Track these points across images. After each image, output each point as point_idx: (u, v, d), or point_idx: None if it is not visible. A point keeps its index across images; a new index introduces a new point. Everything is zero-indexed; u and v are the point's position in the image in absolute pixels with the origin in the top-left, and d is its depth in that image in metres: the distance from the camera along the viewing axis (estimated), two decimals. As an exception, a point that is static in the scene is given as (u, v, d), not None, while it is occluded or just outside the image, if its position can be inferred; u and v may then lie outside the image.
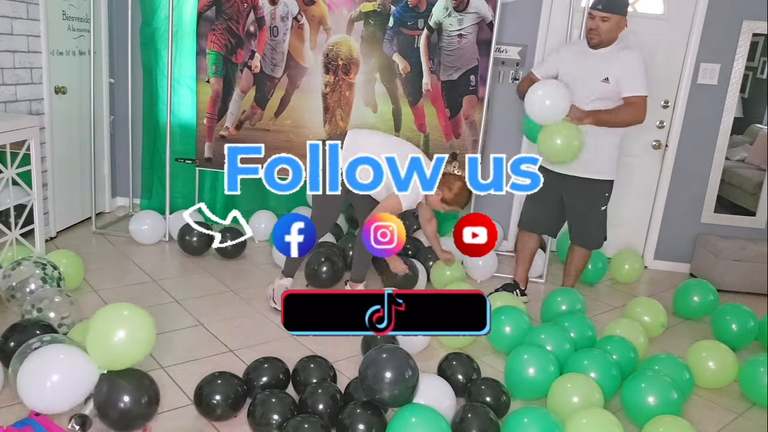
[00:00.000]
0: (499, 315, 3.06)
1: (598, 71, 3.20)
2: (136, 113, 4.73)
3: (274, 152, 4.24)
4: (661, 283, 4.39)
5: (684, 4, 4.23)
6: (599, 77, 3.19)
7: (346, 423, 2.18)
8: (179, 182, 4.68)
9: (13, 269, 2.99)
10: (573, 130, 3.15)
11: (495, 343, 3.10)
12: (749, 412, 2.81)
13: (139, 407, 2.11)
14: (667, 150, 4.45)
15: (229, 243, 3.70)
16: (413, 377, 2.22)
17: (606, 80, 3.18)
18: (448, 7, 4.01)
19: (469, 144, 4.21)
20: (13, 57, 3.62)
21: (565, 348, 2.82)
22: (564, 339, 2.87)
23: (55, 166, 4.09)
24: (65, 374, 2.10)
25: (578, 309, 3.30)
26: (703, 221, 4.55)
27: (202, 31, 4.17)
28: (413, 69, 4.13)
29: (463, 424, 2.24)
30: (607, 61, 3.19)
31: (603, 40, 3.19)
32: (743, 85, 4.38)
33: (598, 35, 3.18)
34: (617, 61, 3.16)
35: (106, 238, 4.30)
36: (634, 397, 2.52)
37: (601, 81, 3.19)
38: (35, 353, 2.16)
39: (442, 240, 4.21)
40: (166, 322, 3.14)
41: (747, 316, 3.35)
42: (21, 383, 2.10)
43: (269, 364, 2.52)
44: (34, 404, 2.09)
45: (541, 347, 2.76)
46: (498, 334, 3.04)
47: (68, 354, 2.16)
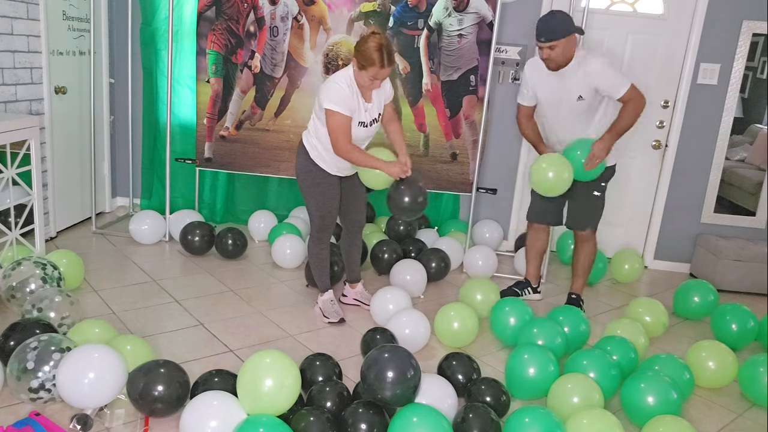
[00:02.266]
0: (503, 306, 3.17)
1: (569, 92, 3.24)
2: (136, 113, 4.73)
3: (274, 152, 4.31)
4: (661, 283, 4.39)
5: (684, 4, 4.23)
6: (573, 97, 3.24)
7: (348, 422, 2.18)
8: (179, 182, 4.68)
9: (13, 269, 2.99)
10: (563, 163, 3.23)
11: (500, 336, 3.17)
12: (749, 412, 2.81)
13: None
14: (667, 150, 4.45)
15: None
16: (415, 377, 2.22)
17: (580, 98, 3.23)
18: (448, 7, 4.01)
19: (469, 144, 4.21)
20: (13, 57, 3.62)
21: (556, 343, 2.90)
22: (557, 333, 2.93)
23: (55, 166, 4.09)
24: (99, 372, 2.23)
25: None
26: (703, 221, 4.55)
27: (202, 31, 4.17)
28: (413, 69, 4.13)
29: (464, 424, 2.24)
30: (574, 80, 3.21)
31: (560, 64, 3.22)
32: (743, 85, 4.38)
33: (553, 62, 3.21)
34: (584, 77, 3.18)
35: (106, 238, 4.30)
36: (634, 397, 2.52)
37: (576, 101, 3.24)
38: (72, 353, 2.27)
39: (441, 240, 4.23)
40: (166, 322, 3.14)
41: (747, 316, 3.35)
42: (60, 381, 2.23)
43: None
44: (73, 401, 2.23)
45: (542, 347, 2.76)
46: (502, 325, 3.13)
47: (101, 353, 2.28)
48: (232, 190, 4.80)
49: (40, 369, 2.25)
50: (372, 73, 2.81)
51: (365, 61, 2.79)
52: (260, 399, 2.12)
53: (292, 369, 2.19)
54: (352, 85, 2.89)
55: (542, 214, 3.63)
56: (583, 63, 3.17)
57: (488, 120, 4.29)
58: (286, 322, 3.26)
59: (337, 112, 2.84)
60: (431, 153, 4.25)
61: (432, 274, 3.85)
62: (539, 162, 3.28)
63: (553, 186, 3.25)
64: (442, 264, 3.91)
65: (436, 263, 3.89)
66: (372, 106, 2.99)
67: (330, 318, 3.27)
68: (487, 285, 3.48)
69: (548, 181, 3.23)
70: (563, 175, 3.21)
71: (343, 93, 2.85)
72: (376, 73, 2.80)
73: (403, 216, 3.01)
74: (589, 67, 3.15)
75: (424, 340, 3.02)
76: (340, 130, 2.87)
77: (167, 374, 2.28)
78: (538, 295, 3.79)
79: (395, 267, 3.73)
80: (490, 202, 4.65)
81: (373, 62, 2.77)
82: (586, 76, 3.16)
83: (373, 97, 3.00)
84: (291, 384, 2.16)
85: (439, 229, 4.61)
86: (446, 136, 4.24)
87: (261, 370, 2.13)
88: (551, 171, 3.21)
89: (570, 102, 3.25)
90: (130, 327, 3.03)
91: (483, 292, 3.43)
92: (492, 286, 3.48)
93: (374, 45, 2.76)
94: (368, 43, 2.78)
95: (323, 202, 3.13)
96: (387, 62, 2.78)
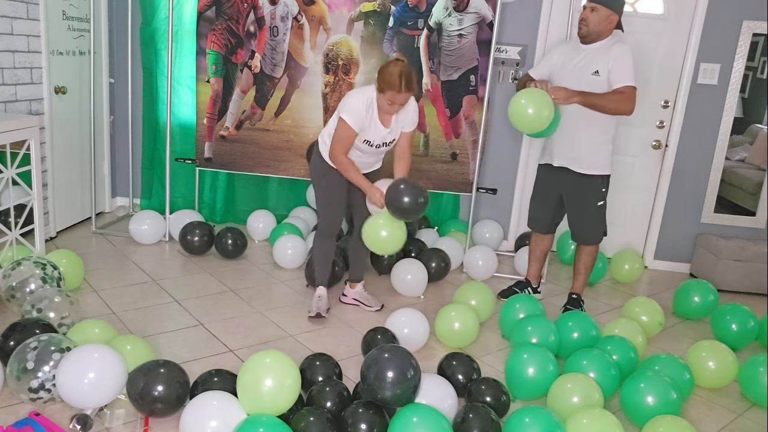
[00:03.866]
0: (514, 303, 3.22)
1: (588, 65, 3.25)
2: (136, 113, 4.73)
3: (274, 152, 4.30)
4: (661, 283, 4.39)
5: (684, 4, 4.23)
6: (589, 71, 3.24)
7: (348, 422, 2.18)
8: (179, 182, 4.68)
9: (13, 269, 2.99)
10: (544, 99, 3.08)
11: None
12: (749, 412, 2.80)
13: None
14: (667, 150, 4.45)
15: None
16: (415, 377, 2.22)
17: (596, 73, 3.23)
18: (448, 7, 4.01)
19: (469, 144, 4.21)
20: (13, 57, 3.62)
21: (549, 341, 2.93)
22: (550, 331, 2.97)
23: (55, 166, 4.09)
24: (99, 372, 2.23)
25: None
26: (703, 221, 4.55)
27: (202, 31, 4.17)
28: (413, 69, 4.12)
29: (464, 424, 2.24)
30: (597, 56, 3.24)
31: (591, 32, 3.23)
32: (743, 85, 4.38)
33: (586, 25, 3.24)
34: (607, 55, 3.21)
35: (106, 238, 4.30)
36: (633, 397, 2.52)
37: (591, 74, 3.23)
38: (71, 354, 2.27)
39: (441, 240, 4.23)
40: (166, 322, 3.14)
41: (747, 316, 3.35)
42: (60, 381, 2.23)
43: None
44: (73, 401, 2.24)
45: (541, 347, 2.76)
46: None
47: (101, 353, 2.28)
48: (232, 190, 4.80)
49: (40, 369, 2.25)
50: (389, 97, 2.92)
51: (384, 84, 2.91)
52: (260, 399, 2.12)
53: (292, 369, 2.18)
54: (372, 105, 3.01)
55: (536, 222, 3.67)
56: (611, 44, 3.22)
57: (488, 120, 4.29)
58: (286, 322, 3.25)
59: (347, 123, 2.97)
60: (431, 153, 4.25)
61: (432, 274, 3.85)
62: (519, 96, 3.11)
63: (532, 122, 3.09)
64: (442, 264, 3.91)
65: (437, 263, 3.89)
66: (387, 132, 3.08)
67: (310, 312, 3.32)
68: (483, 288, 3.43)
69: (527, 116, 3.07)
70: (543, 112, 3.05)
71: (358, 109, 2.98)
72: (393, 97, 2.91)
73: (402, 217, 3.02)
74: (614, 48, 3.19)
75: (423, 340, 3.02)
76: (342, 139, 3.02)
77: (167, 374, 2.28)
78: (538, 295, 3.80)
79: (395, 267, 3.73)
80: (490, 202, 4.65)
81: (392, 86, 2.88)
82: (608, 55, 3.19)
83: (392, 123, 3.08)
84: (291, 384, 2.16)
85: (439, 229, 4.61)
86: (446, 136, 4.24)
87: (261, 370, 2.13)
88: (531, 107, 3.05)
89: (583, 76, 3.24)
90: (130, 327, 3.03)
91: (478, 297, 3.37)
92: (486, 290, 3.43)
93: (395, 70, 2.89)
94: (389, 68, 2.91)
95: (329, 194, 3.23)
96: (405, 88, 2.89)
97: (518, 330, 2.99)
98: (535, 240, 3.76)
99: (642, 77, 4.34)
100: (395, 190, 2.96)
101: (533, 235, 3.76)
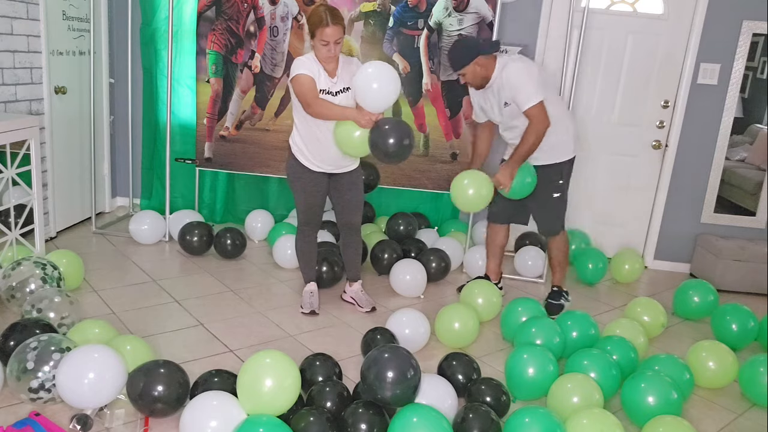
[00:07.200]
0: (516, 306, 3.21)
1: (499, 101, 3.31)
2: (136, 113, 4.73)
3: (274, 152, 4.30)
4: (661, 283, 4.39)
5: (684, 4, 4.23)
6: (501, 104, 3.30)
7: (348, 422, 2.18)
8: (179, 182, 4.68)
9: (13, 269, 2.99)
10: (483, 180, 3.28)
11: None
12: (749, 412, 2.80)
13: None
14: (667, 150, 4.45)
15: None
16: (415, 377, 2.22)
17: (506, 105, 3.28)
18: (448, 7, 4.01)
19: (470, 144, 4.21)
20: (13, 57, 3.62)
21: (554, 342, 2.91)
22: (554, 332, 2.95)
23: (55, 166, 4.09)
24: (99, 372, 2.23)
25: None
26: (703, 221, 4.55)
27: (202, 31, 4.17)
28: (413, 69, 4.13)
29: (464, 424, 2.24)
30: (499, 90, 3.27)
31: (480, 84, 3.30)
32: (743, 85, 4.38)
33: (471, 83, 3.33)
34: (505, 84, 3.22)
35: (106, 238, 4.30)
36: (634, 397, 2.52)
37: (505, 107, 3.29)
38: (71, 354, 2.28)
39: (441, 240, 4.23)
40: (166, 322, 3.14)
41: (747, 316, 3.35)
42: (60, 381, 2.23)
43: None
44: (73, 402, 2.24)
45: (541, 347, 2.76)
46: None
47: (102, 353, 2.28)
48: (232, 190, 4.80)
49: (40, 369, 2.25)
50: (321, 36, 2.88)
51: (312, 25, 2.90)
52: (260, 399, 2.12)
53: (292, 369, 2.19)
54: (314, 60, 2.99)
55: (497, 215, 3.66)
56: (500, 73, 3.22)
57: (488, 120, 4.29)
58: (286, 322, 3.25)
59: (299, 74, 2.93)
60: (431, 153, 4.25)
61: (432, 274, 3.85)
62: (461, 177, 3.33)
63: (472, 201, 3.30)
64: (442, 264, 3.91)
65: (436, 263, 3.89)
66: (333, 82, 3.03)
67: (303, 308, 3.34)
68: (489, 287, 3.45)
69: (468, 197, 3.28)
70: (482, 191, 3.26)
71: (302, 61, 2.96)
72: (323, 34, 2.87)
73: (387, 160, 2.92)
74: (504, 73, 3.20)
75: (424, 340, 3.02)
76: (306, 91, 2.92)
77: (167, 374, 2.28)
78: (500, 291, 3.71)
79: (395, 267, 3.73)
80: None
81: (320, 22, 2.86)
82: (505, 83, 3.20)
83: (337, 73, 3.04)
84: (291, 384, 2.16)
85: (439, 229, 4.60)
86: (446, 136, 4.24)
87: (261, 370, 2.13)
88: (472, 188, 3.27)
89: (503, 110, 3.31)
90: (130, 327, 3.03)
91: (484, 296, 3.39)
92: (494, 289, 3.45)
93: (318, 8, 2.89)
94: (312, 9, 2.93)
95: (304, 197, 3.23)
96: (331, 20, 2.87)
97: (522, 332, 2.98)
98: (490, 233, 3.73)
99: (642, 77, 4.35)
100: (378, 131, 2.84)
101: (489, 227, 3.75)
